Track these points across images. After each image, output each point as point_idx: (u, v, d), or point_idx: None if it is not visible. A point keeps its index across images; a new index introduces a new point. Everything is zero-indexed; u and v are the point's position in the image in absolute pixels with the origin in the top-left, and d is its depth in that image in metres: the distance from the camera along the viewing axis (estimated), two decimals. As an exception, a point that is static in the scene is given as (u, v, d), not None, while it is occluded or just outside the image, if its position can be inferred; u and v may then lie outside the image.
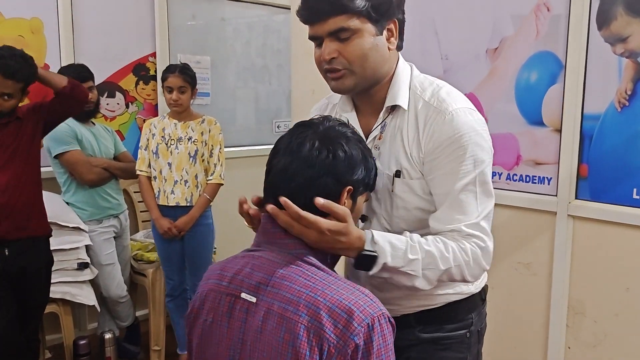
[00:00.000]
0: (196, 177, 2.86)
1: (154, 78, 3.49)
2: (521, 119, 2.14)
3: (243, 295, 1.05)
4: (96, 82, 2.98)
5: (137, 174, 2.90)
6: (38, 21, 3.06)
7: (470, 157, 1.17)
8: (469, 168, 1.17)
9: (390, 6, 1.21)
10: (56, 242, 2.57)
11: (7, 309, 2.27)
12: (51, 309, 2.71)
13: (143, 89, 3.51)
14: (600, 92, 1.94)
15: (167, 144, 2.84)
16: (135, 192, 3.37)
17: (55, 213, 2.64)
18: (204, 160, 2.89)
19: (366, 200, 1.21)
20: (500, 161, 2.18)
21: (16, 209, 2.27)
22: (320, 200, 1.04)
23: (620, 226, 1.92)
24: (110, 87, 3.37)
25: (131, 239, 3.24)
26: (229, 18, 3.91)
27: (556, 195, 2.06)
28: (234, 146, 3.82)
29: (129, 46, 3.42)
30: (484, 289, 1.40)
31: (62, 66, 2.98)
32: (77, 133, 2.83)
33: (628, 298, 1.94)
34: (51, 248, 2.49)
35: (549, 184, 2.10)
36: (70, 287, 2.73)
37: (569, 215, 2.02)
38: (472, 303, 1.35)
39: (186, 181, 2.85)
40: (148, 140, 2.89)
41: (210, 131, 2.89)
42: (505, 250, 2.17)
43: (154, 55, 3.50)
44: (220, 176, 2.90)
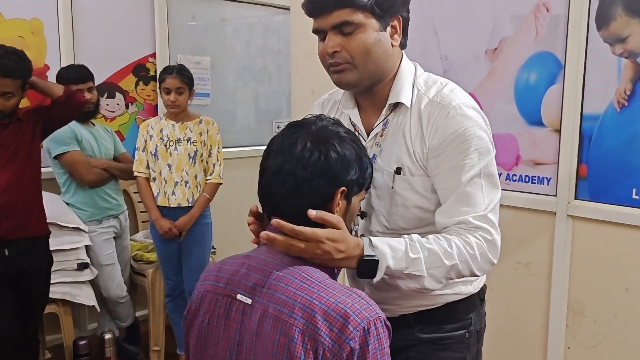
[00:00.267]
0: (196, 177, 2.87)
1: (154, 78, 3.49)
2: (520, 119, 2.14)
3: (239, 296, 1.04)
4: (96, 83, 2.98)
5: (135, 176, 2.90)
6: (38, 22, 3.06)
7: (475, 150, 1.18)
8: (474, 161, 1.18)
9: (395, 3, 1.21)
10: (56, 242, 2.57)
11: (7, 309, 2.27)
12: (51, 309, 2.71)
13: (143, 89, 3.51)
14: (599, 93, 1.94)
15: (166, 146, 2.84)
16: (135, 192, 3.36)
17: (55, 213, 2.64)
18: (202, 160, 2.89)
19: (362, 200, 1.20)
20: (499, 161, 2.15)
21: (16, 209, 2.27)
22: (312, 213, 1.02)
23: (620, 226, 1.92)
24: (110, 88, 3.37)
25: (131, 240, 3.24)
26: (229, 18, 3.91)
27: (555, 196, 2.06)
28: (234, 146, 3.82)
29: (128, 47, 3.42)
30: (482, 289, 1.40)
31: (62, 67, 2.98)
32: (76, 134, 2.84)
33: (627, 298, 1.94)
34: (51, 248, 2.49)
35: (548, 184, 2.10)
36: (70, 287, 2.74)
37: (568, 215, 2.02)
38: (471, 303, 1.35)
39: (186, 182, 2.85)
40: (146, 141, 2.89)
41: (208, 131, 2.90)
42: (504, 250, 2.12)
43: (153, 55, 3.51)
44: (219, 176, 2.91)
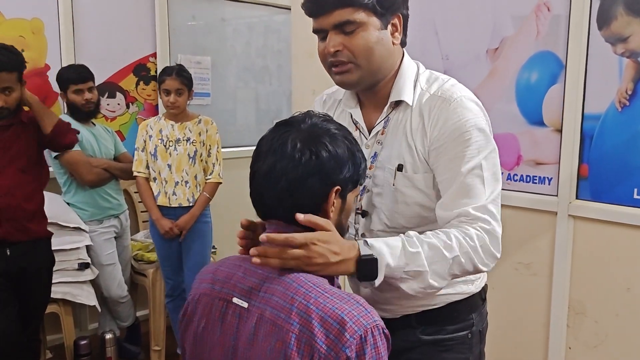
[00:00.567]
0: (196, 177, 2.87)
1: (155, 78, 3.48)
2: (522, 119, 2.14)
3: (235, 300, 1.02)
4: (97, 83, 2.98)
5: (135, 176, 2.90)
6: (39, 22, 3.06)
7: (476, 142, 1.17)
8: (474, 152, 1.17)
9: (396, 1, 1.21)
10: (57, 242, 2.56)
11: (9, 309, 2.27)
12: (52, 309, 2.71)
13: (143, 89, 3.51)
14: (600, 92, 1.94)
15: (165, 146, 2.85)
16: (135, 192, 3.36)
17: (56, 213, 2.64)
18: (202, 160, 2.89)
19: (357, 195, 1.17)
20: (500, 161, 2.16)
21: (18, 211, 2.27)
22: (300, 216, 1.00)
23: (621, 226, 1.92)
24: (111, 88, 3.37)
25: (131, 239, 3.24)
26: (229, 18, 3.91)
27: (557, 195, 2.06)
28: (234, 146, 3.82)
29: (129, 46, 3.42)
30: (483, 289, 1.40)
31: (62, 66, 2.98)
32: (77, 133, 2.84)
33: (629, 298, 1.93)
34: (52, 248, 2.49)
35: (549, 184, 2.10)
36: (71, 287, 2.73)
37: (569, 215, 2.02)
38: (473, 303, 1.35)
39: (187, 182, 2.85)
40: (145, 141, 2.89)
41: (207, 131, 2.90)
42: (505, 250, 2.12)
43: (154, 55, 3.51)
44: (218, 175, 2.92)
